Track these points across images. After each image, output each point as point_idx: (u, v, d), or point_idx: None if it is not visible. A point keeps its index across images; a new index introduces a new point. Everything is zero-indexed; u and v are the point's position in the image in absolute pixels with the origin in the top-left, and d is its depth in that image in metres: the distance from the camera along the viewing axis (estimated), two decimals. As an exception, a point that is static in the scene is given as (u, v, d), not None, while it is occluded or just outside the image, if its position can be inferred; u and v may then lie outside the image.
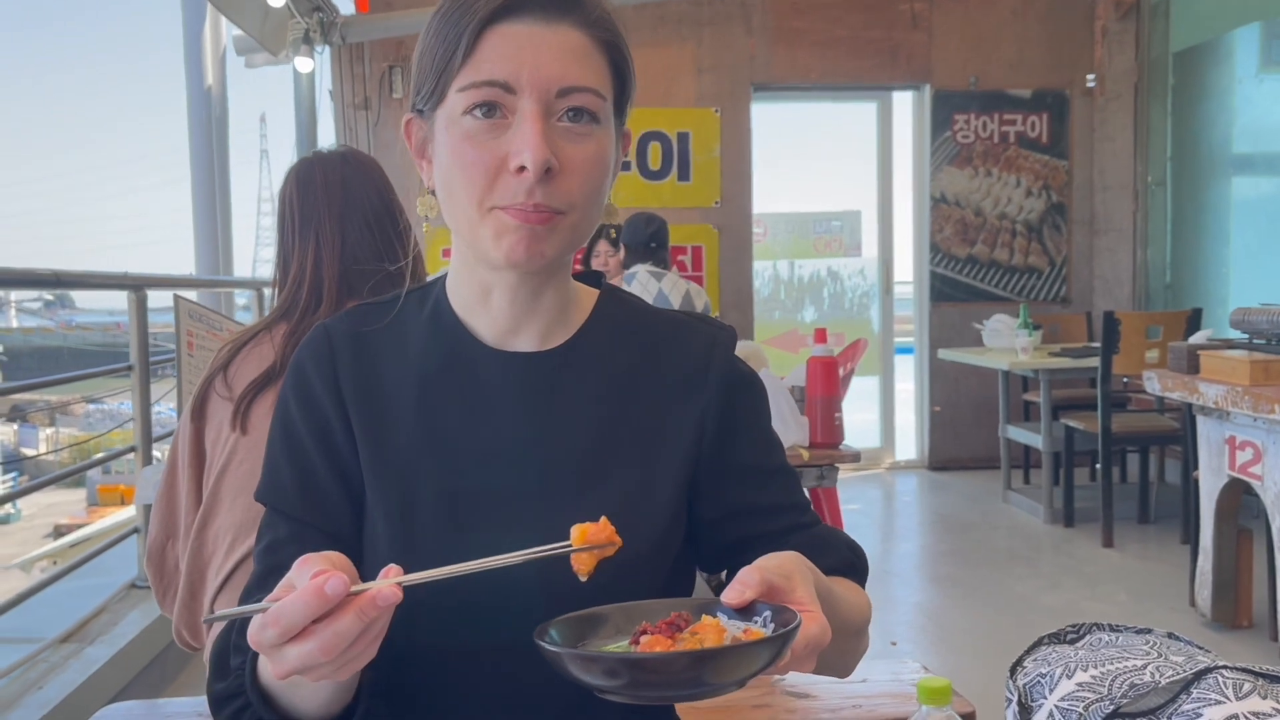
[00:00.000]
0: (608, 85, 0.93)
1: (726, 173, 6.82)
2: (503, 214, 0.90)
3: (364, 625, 0.69)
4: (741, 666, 0.71)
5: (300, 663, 0.70)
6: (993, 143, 7.04)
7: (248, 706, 0.86)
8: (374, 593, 0.70)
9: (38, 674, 2.81)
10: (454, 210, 0.94)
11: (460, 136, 0.91)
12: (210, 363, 1.71)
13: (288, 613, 0.68)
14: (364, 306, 1.06)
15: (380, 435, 0.98)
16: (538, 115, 0.89)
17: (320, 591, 0.68)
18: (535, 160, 0.87)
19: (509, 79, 0.89)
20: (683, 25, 6.75)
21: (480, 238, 0.93)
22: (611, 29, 0.94)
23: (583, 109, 0.91)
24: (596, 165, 0.92)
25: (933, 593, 4.66)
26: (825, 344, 3.11)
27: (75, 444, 22.25)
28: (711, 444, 1.02)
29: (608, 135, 0.94)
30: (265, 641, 0.70)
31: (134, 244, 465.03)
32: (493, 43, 0.89)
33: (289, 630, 0.69)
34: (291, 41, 6.05)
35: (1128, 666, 1.19)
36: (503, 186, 0.90)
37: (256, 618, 0.70)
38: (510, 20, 0.89)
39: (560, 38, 0.90)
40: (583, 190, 0.92)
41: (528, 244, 0.91)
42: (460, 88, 0.90)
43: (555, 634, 0.77)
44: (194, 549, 1.63)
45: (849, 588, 0.99)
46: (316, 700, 0.84)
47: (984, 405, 6.82)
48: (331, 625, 0.69)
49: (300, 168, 1.76)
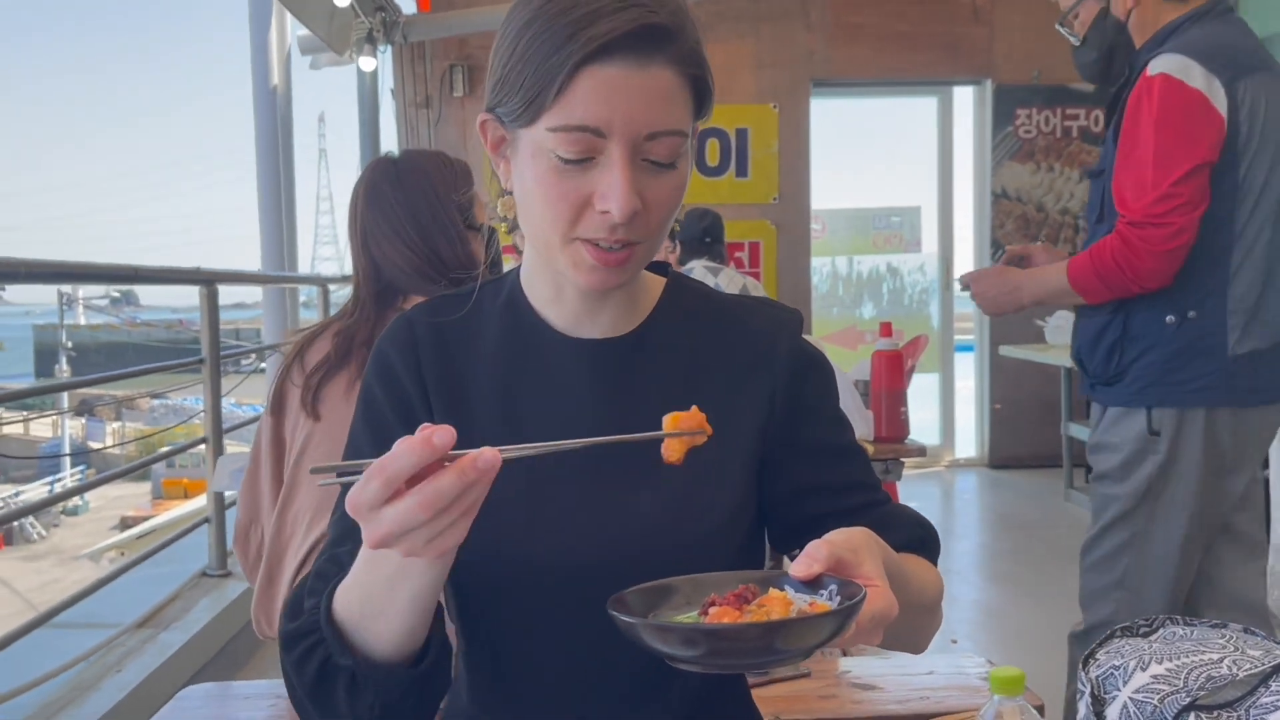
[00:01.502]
0: (690, 120, 0.95)
1: (785, 169, 6.80)
2: (583, 248, 0.93)
3: (463, 487, 0.71)
4: (808, 637, 0.73)
5: (396, 523, 0.71)
6: (1055, 137, 6.96)
7: (319, 645, 0.88)
8: (475, 454, 0.72)
9: (116, 658, 2.90)
10: (534, 231, 0.97)
11: (547, 169, 0.92)
12: (284, 357, 1.81)
13: (392, 463, 0.70)
14: (442, 297, 1.10)
15: (461, 419, 1.01)
16: (625, 162, 0.90)
17: (429, 441, 0.70)
18: (623, 210, 0.90)
19: (601, 125, 0.90)
20: (742, 21, 6.75)
21: (559, 261, 0.96)
22: (700, 63, 0.95)
23: (667, 154, 0.93)
24: (675, 196, 0.95)
25: (993, 591, 4.62)
26: (890, 337, 3.10)
27: (141, 438, 22.73)
28: (781, 423, 1.04)
29: (686, 162, 0.96)
30: (366, 498, 0.71)
31: (199, 241, 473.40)
32: (586, 84, 0.89)
33: (393, 480, 0.70)
34: (355, 41, 6.13)
35: (1204, 660, 1.19)
36: (586, 221, 0.93)
37: (360, 477, 0.72)
38: (604, 61, 0.89)
39: (652, 80, 0.90)
40: (660, 220, 0.95)
41: (604, 277, 0.95)
42: (551, 127, 0.91)
43: (628, 604, 0.79)
44: (275, 531, 1.73)
45: (919, 564, 1.01)
46: (393, 635, 0.86)
47: (1045, 403, 6.74)
48: (432, 483, 0.71)
49: (359, 181, 1.84)
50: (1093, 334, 2.17)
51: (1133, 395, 2.11)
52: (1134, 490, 2.12)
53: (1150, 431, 2.09)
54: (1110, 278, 2.05)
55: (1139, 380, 2.09)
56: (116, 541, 18.13)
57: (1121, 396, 2.13)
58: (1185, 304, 2.06)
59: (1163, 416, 2.08)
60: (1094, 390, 2.22)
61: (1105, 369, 2.14)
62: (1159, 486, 2.12)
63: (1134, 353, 2.10)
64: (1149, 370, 2.08)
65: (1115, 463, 2.15)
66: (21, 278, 2.46)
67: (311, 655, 0.89)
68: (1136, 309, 2.08)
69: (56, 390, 25.47)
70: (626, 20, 0.89)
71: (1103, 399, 2.19)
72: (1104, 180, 2.14)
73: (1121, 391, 2.13)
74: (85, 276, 3.14)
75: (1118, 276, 2.03)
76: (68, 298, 31.53)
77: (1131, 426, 2.12)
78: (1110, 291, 2.07)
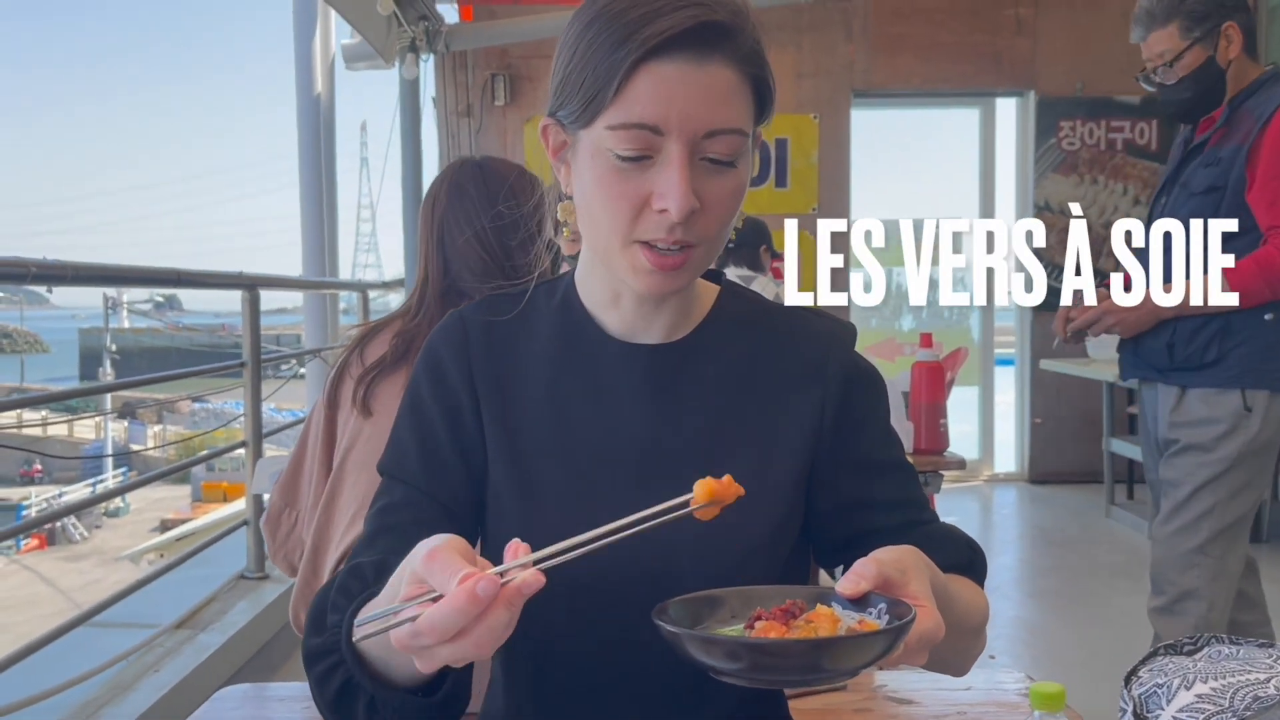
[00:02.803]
0: (750, 120, 0.95)
1: (824, 179, 6.78)
2: (641, 252, 0.93)
3: (511, 615, 0.72)
4: (856, 656, 0.72)
5: (452, 658, 0.72)
6: (1099, 150, 6.89)
7: (340, 664, 0.88)
8: (520, 583, 0.71)
9: (154, 658, 2.93)
10: (594, 233, 0.97)
11: (606, 169, 0.92)
12: (345, 348, 1.83)
13: (442, 621, 0.70)
14: (496, 296, 1.09)
15: (510, 418, 1.02)
16: (684, 160, 0.90)
17: (474, 596, 0.69)
18: (680, 208, 0.90)
19: (659, 122, 0.89)
20: (783, 31, 6.74)
21: (618, 265, 0.96)
22: (760, 63, 0.94)
23: (727, 152, 0.92)
24: (734, 198, 0.95)
25: (1032, 606, 4.57)
26: (931, 348, 3.07)
27: (182, 440, 22.99)
28: (830, 437, 1.03)
29: (746, 165, 0.96)
30: (418, 646, 0.71)
31: (243, 248, 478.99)
32: (645, 82, 0.89)
33: (445, 636, 0.70)
34: (399, 50, 6.18)
35: (1250, 679, 1.16)
36: (645, 222, 0.92)
37: (406, 627, 0.71)
38: (662, 59, 0.89)
39: (710, 78, 0.90)
40: (719, 223, 0.95)
41: (662, 281, 0.95)
42: (609, 125, 0.91)
43: (673, 615, 0.78)
44: (320, 522, 1.74)
45: (966, 585, 0.99)
46: (412, 666, 0.86)
47: (1087, 417, 6.65)
48: (485, 622, 0.70)
49: (433, 184, 1.87)
50: (1193, 327, 2.49)
51: (1230, 378, 2.46)
52: (1224, 456, 2.47)
53: (1245, 408, 2.45)
54: (1278, 280, 2.38)
55: (1237, 366, 2.45)
56: (156, 543, 18.32)
57: (1218, 379, 2.47)
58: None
59: (1255, 397, 2.45)
60: (1178, 374, 2.53)
61: (1203, 355, 2.48)
62: (1246, 456, 2.47)
63: (1233, 342, 2.45)
64: (1247, 358, 2.44)
65: (1210, 435, 2.48)
66: (68, 280, 2.49)
67: (333, 674, 0.89)
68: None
69: (100, 392, 25.84)
70: (685, 18, 0.89)
71: (1190, 381, 2.52)
72: (1220, 196, 2.47)
73: (1218, 374, 2.47)
74: (129, 280, 3.19)
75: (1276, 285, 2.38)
76: (113, 302, 31.97)
77: (1227, 404, 2.46)
78: (1273, 294, 2.40)
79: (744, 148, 0.94)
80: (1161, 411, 2.60)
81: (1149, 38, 2.54)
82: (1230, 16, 2.48)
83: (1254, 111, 2.43)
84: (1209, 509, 2.48)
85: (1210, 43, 2.48)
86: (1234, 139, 2.45)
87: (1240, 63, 2.49)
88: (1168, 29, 2.50)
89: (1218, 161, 2.48)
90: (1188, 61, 2.49)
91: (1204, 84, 2.50)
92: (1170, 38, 2.50)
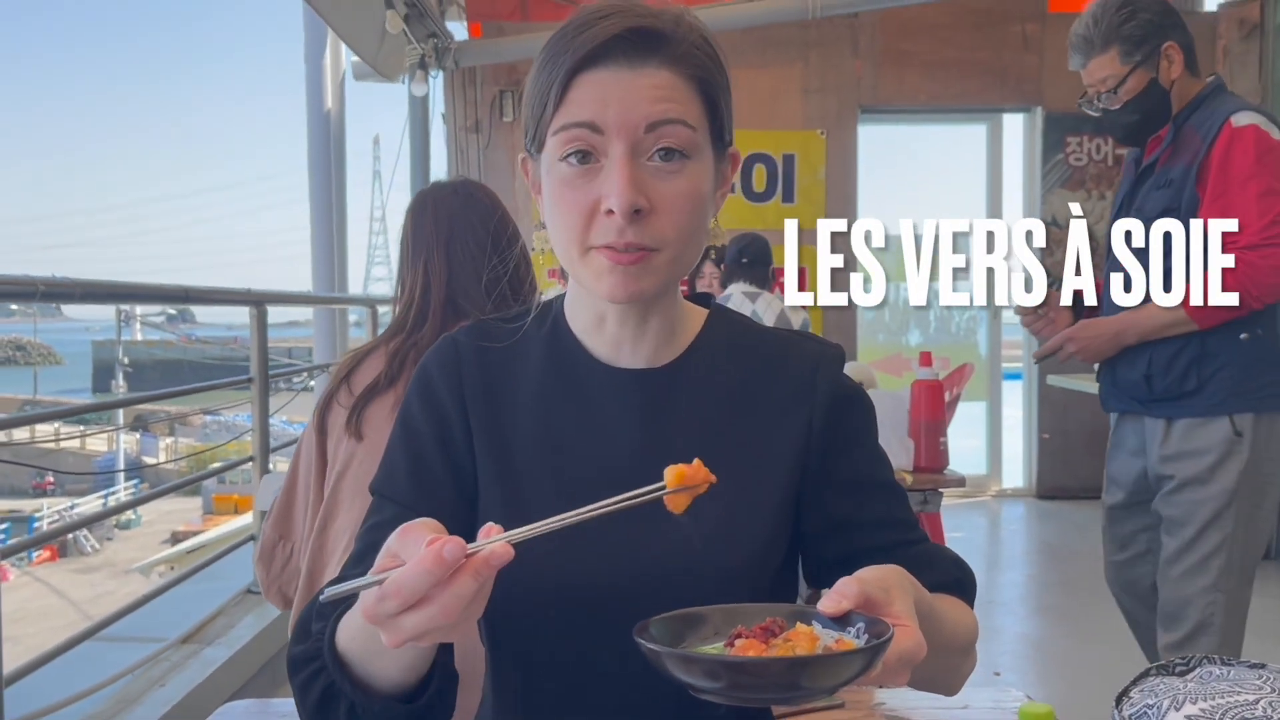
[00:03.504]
0: (699, 117, 0.96)
1: (831, 195, 6.79)
2: (599, 255, 0.95)
3: (479, 585, 0.73)
4: (832, 675, 0.73)
5: (417, 629, 0.73)
6: (1107, 165, 6.89)
7: (322, 671, 0.90)
8: (487, 553, 0.73)
9: (160, 672, 2.94)
10: (559, 249, 0.99)
11: (558, 181, 0.95)
12: (332, 377, 1.82)
13: (408, 582, 0.71)
14: (489, 322, 1.11)
15: (499, 441, 1.03)
16: (625, 157, 0.92)
17: (440, 557, 0.71)
18: (622, 204, 0.92)
19: (595, 119, 0.93)
20: (789, 47, 6.76)
21: (582, 276, 0.98)
22: (699, 63, 0.96)
23: (673, 148, 0.94)
24: (689, 200, 0.95)
25: (1038, 623, 4.56)
26: (930, 367, 3.08)
27: (194, 454, 23.05)
28: (817, 458, 1.04)
29: (702, 168, 0.97)
30: (384, 612, 0.72)
31: (252, 261, 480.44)
32: (581, 88, 0.93)
33: (410, 599, 0.71)
34: (408, 67, 6.22)
35: (1239, 701, 1.17)
36: (598, 228, 0.94)
37: (371, 590, 0.73)
38: (597, 67, 0.93)
39: (646, 79, 0.93)
40: (676, 226, 0.95)
41: (625, 283, 0.95)
42: (554, 131, 0.95)
43: (655, 632, 0.79)
44: (314, 548, 1.74)
45: (953, 605, 1.00)
46: (394, 671, 0.88)
47: (1095, 434, 6.60)
48: (450, 588, 0.72)
49: (415, 201, 1.89)
50: (1168, 356, 2.43)
51: (1214, 405, 2.39)
52: (1223, 489, 2.40)
53: (1235, 433, 2.38)
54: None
55: (1219, 391, 2.39)
56: (165, 556, 18.37)
57: (1201, 407, 2.41)
58: (1255, 323, 2.37)
59: (1243, 421, 2.38)
60: (1160, 405, 2.47)
61: (1182, 384, 2.41)
62: (1245, 485, 2.40)
63: (1212, 367, 2.39)
64: (1227, 382, 2.38)
65: (1204, 466, 2.41)
66: (76, 298, 2.51)
67: (315, 680, 0.91)
68: (1213, 330, 2.37)
69: (111, 408, 25.92)
70: (616, 24, 0.93)
71: (1174, 413, 2.45)
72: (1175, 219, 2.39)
73: (1201, 403, 2.41)
74: (137, 297, 3.20)
75: (1243, 298, 2.31)
76: (125, 314, 32.12)
77: (1214, 433, 2.40)
78: (1229, 313, 2.34)
79: (693, 143, 0.95)
80: (1150, 446, 2.55)
81: (1089, 64, 2.53)
82: (1169, 36, 2.46)
83: (1199, 129, 2.43)
84: (1218, 546, 2.43)
85: (1152, 65, 2.46)
86: (1182, 158, 2.44)
87: (1183, 80, 2.47)
88: (1107, 54, 2.49)
89: (1169, 183, 2.48)
90: (1131, 86, 2.48)
91: (1149, 106, 2.48)
92: (1111, 63, 2.49)
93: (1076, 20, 2.56)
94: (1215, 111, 2.42)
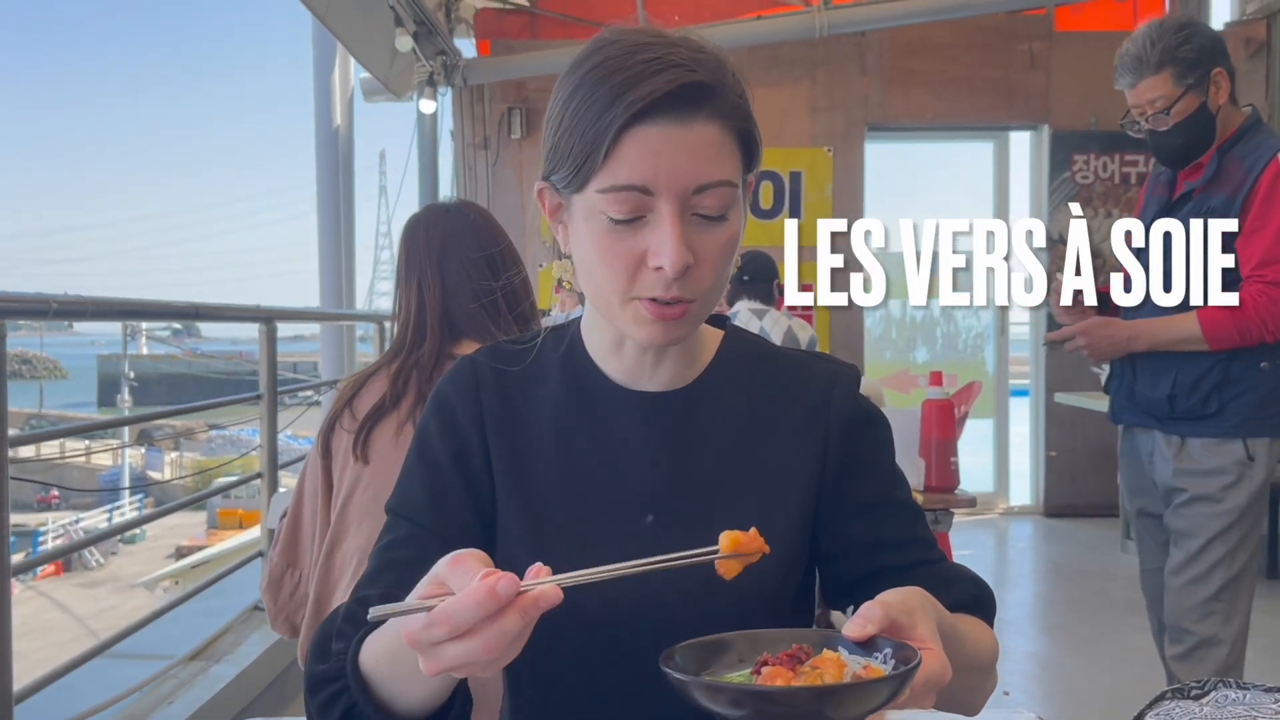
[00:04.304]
0: (739, 171, 0.97)
1: (838, 212, 6.79)
2: (641, 306, 0.95)
3: (525, 624, 0.73)
4: (861, 703, 0.72)
5: (458, 660, 0.73)
6: (1113, 184, 6.90)
7: (344, 691, 0.89)
8: (538, 593, 0.73)
9: (168, 689, 2.93)
10: (594, 292, 0.99)
11: (601, 231, 0.95)
12: (334, 400, 1.82)
13: (458, 612, 0.71)
14: (505, 344, 1.11)
15: (518, 463, 1.04)
16: (674, 217, 0.92)
17: (494, 591, 0.71)
18: (674, 264, 0.92)
19: (647, 183, 0.92)
20: (796, 65, 6.78)
21: (620, 319, 0.98)
22: (744, 115, 0.96)
23: (718, 208, 0.94)
24: (729, 249, 0.97)
25: (1046, 642, 4.54)
26: (941, 386, 3.08)
27: (200, 471, 23.06)
28: (834, 478, 1.04)
29: (739, 214, 0.98)
30: (428, 639, 0.73)
31: (261, 275, 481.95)
32: (632, 146, 0.92)
33: (457, 629, 0.72)
34: (417, 84, 6.26)
35: (1256, 725, 1.16)
36: (643, 280, 0.94)
37: (418, 615, 0.73)
38: (647, 123, 0.91)
39: (695, 136, 0.92)
40: (715, 275, 0.96)
41: (665, 333, 0.97)
42: (600, 189, 0.93)
43: (680, 659, 0.79)
44: (322, 573, 1.73)
45: (974, 625, 0.99)
46: (418, 695, 0.87)
47: (1102, 451, 6.61)
48: (497, 624, 0.72)
49: (409, 221, 1.89)
50: (1193, 378, 2.52)
51: (1231, 428, 2.49)
52: (1234, 507, 2.50)
53: (1248, 457, 2.48)
54: (1250, 329, 2.42)
55: (1236, 415, 2.49)
56: (170, 571, 18.33)
57: (1218, 429, 2.51)
58: (1275, 353, 2.47)
59: (1257, 445, 2.48)
60: (1178, 424, 2.56)
61: (1204, 407, 2.51)
62: (1254, 504, 2.51)
63: (1232, 393, 2.48)
64: (1245, 407, 2.48)
65: (1218, 485, 2.50)
66: (88, 315, 2.53)
67: (336, 701, 0.90)
68: (1237, 357, 2.47)
69: (118, 425, 25.94)
70: (666, 81, 0.91)
71: (1191, 431, 2.55)
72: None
73: (1219, 425, 2.50)
74: (148, 314, 3.21)
75: (1257, 328, 2.41)
76: (131, 329, 32.18)
77: (1229, 454, 2.50)
78: (1242, 340, 2.44)
79: (734, 198, 0.96)
80: (1162, 459, 2.62)
81: (1139, 84, 2.56)
82: (1218, 63, 2.52)
83: (1243, 160, 2.48)
84: (1221, 559, 2.52)
85: (1202, 89, 2.51)
86: (1225, 188, 2.49)
87: (1227, 107, 2.53)
88: (1160, 75, 2.52)
89: (1210, 211, 2.51)
90: (1181, 108, 2.52)
91: (1196, 129, 2.52)
92: (1164, 84, 2.52)
93: (1127, 40, 2.59)
94: (1261, 145, 2.50)
